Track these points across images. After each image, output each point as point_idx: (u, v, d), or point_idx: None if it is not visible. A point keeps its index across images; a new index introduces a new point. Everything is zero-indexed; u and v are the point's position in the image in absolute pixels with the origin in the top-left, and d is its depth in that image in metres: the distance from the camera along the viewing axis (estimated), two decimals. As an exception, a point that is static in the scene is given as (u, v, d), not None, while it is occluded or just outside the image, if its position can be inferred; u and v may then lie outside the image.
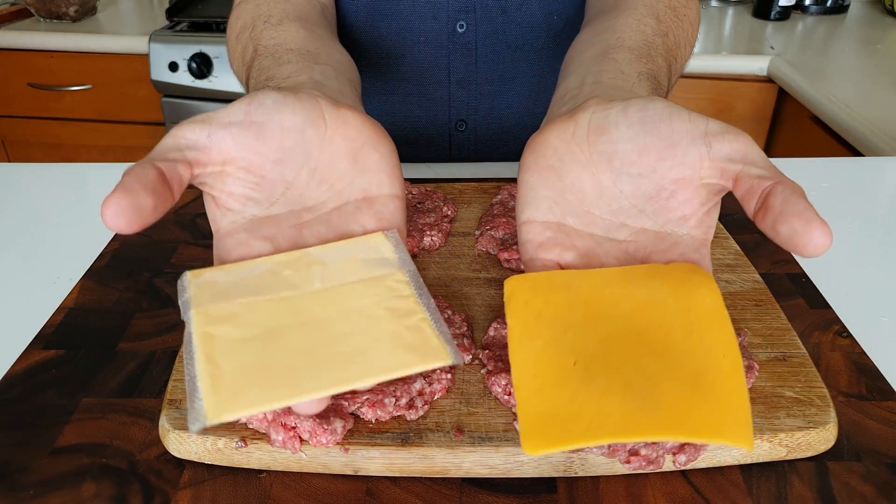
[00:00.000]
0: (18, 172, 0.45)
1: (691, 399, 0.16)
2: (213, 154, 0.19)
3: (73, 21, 1.01)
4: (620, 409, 0.16)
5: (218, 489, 0.22)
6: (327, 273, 0.19)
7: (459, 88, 0.43)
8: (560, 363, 0.17)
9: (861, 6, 1.07)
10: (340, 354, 0.17)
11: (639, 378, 0.17)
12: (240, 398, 0.16)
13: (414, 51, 0.42)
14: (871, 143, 0.62)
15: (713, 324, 0.18)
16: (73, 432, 0.24)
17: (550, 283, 0.19)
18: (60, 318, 0.30)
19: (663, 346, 0.17)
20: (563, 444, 0.16)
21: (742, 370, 0.17)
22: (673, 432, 0.16)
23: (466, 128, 0.45)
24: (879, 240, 0.37)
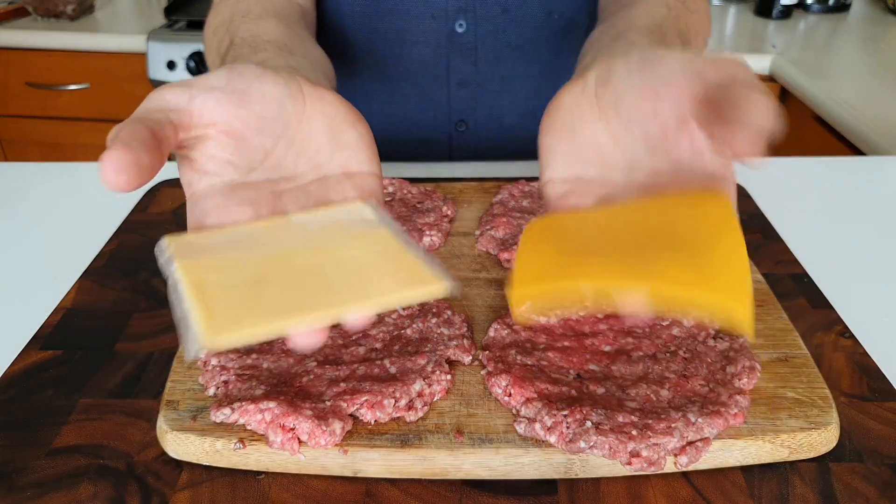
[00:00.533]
0: (16, 172, 0.45)
1: (689, 263, 0.16)
2: (195, 117, 0.19)
3: (71, 20, 1.01)
4: (612, 261, 0.16)
5: (216, 491, 0.22)
6: (310, 234, 0.19)
7: (459, 89, 0.43)
8: (559, 248, 0.18)
9: (863, 5, 1.06)
10: (335, 285, 0.17)
11: (637, 252, 0.17)
12: (235, 322, 0.15)
13: (413, 51, 0.41)
14: (874, 142, 0.62)
15: (722, 226, 0.17)
16: (70, 433, 0.24)
17: (566, 215, 0.20)
18: (58, 318, 0.30)
19: (667, 238, 0.17)
20: (546, 283, 0.16)
21: (746, 262, 0.16)
22: (663, 280, 0.15)
23: (467, 128, 0.45)
24: (882, 239, 0.37)
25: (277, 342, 0.26)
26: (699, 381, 0.24)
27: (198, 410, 0.23)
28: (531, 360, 0.25)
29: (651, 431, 0.21)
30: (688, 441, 0.21)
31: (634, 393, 0.23)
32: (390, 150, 0.47)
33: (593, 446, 0.21)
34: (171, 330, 0.29)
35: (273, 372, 0.24)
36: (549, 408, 0.22)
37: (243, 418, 0.22)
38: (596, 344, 0.26)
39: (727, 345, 0.26)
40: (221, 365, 0.24)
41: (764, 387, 0.24)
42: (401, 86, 0.43)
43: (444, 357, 0.25)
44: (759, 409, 0.23)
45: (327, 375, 0.24)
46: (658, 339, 0.26)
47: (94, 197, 0.42)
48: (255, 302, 0.16)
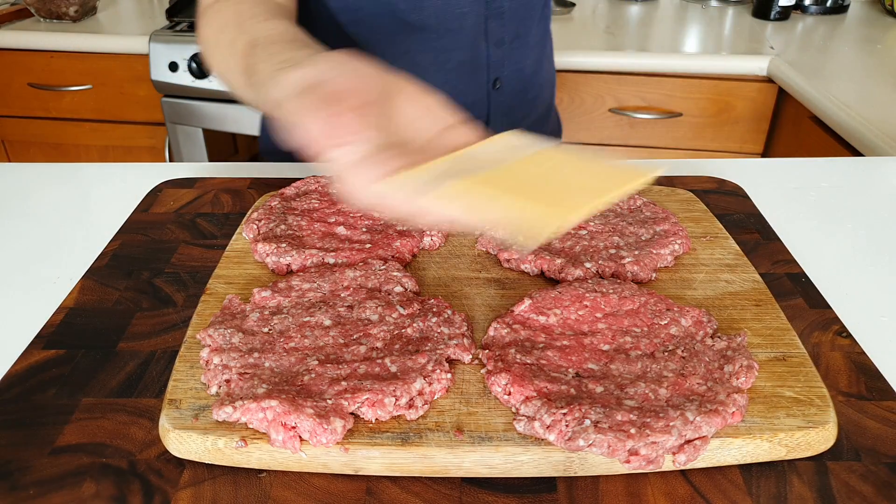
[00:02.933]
0: (19, 172, 0.45)
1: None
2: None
3: (74, 21, 1.01)
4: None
5: (218, 489, 0.22)
6: (510, 153, 0.21)
7: (496, 49, 0.47)
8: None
9: (861, 6, 1.07)
10: (575, 188, 0.19)
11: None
12: (560, 204, 0.18)
13: (458, 21, 0.45)
14: (871, 142, 0.62)
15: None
16: (73, 432, 0.24)
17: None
18: (60, 317, 0.30)
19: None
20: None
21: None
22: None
23: (501, 86, 0.49)
24: (879, 239, 0.37)
25: (279, 341, 0.26)
26: (697, 380, 0.24)
27: (200, 409, 0.23)
28: (530, 359, 0.25)
29: (649, 430, 0.21)
30: (686, 439, 0.22)
31: (633, 391, 0.23)
32: None
33: (592, 444, 0.21)
34: (173, 329, 0.29)
35: (274, 371, 0.24)
36: (548, 406, 0.22)
37: (245, 417, 0.22)
38: (595, 343, 0.26)
39: (725, 344, 0.26)
40: (223, 364, 0.25)
41: (762, 386, 0.24)
42: (451, 56, 0.46)
43: (444, 356, 0.25)
44: (756, 408, 0.23)
45: (328, 374, 0.24)
46: (656, 338, 0.26)
47: (96, 197, 0.42)
48: (550, 197, 0.19)
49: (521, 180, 0.20)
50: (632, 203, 0.36)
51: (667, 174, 0.43)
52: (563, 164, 0.21)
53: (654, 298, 0.28)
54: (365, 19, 0.43)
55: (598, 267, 0.31)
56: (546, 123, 0.55)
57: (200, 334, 0.26)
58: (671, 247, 0.32)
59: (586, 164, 0.21)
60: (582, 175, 0.20)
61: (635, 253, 0.31)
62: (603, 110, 0.90)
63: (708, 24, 0.99)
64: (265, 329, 0.26)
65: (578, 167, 0.21)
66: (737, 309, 0.29)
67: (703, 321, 0.27)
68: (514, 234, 0.18)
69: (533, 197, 0.19)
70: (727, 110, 0.89)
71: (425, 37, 0.44)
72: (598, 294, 0.28)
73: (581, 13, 1.03)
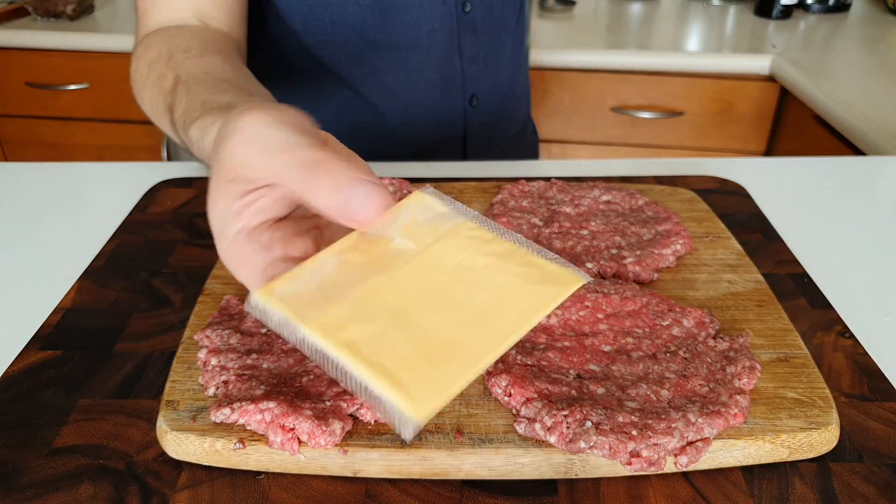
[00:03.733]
0: (15, 172, 0.45)
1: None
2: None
3: (71, 20, 1.01)
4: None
5: (216, 491, 0.22)
6: (400, 245, 0.17)
7: (470, 65, 0.46)
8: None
9: (863, 5, 1.06)
10: (488, 312, 0.16)
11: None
12: (432, 391, 0.15)
13: (429, 38, 0.43)
14: (874, 142, 0.62)
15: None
16: (70, 433, 0.24)
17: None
18: (58, 318, 0.29)
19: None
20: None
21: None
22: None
23: (478, 102, 0.48)
24: (882, 239, 0.37)
25: (278, 342, 0.26)
26: (699, 381, 0.24)
27: (198, 410, 0.23)
28: (531, 360, 0.25)
29: (651, 431, 0.21)
30: (688, 441, 0.21)
31: (634, 393, 0.23)
32: (411, 139, 0.48)
33: (593, 446, 0.21)
34: (171, 330, 0.29)
35: (273, 372, 0.24)
36: (549, 408, 0.22)
37: (243, 418, 0.22)
38: (596, 344, 0.26)
39: (727, 345, 0.26)
40: (221, 365, 0.24)
41: (764, 387, 0.24)
42: (419, 74, 0.45)
43: (444, 357, 0.25)
44: (759, 409, 0.23)
45: (327, 376, 0.24)
46: (658, 339, 0.26)
47: (93, 197, 0.42)
48: (431, 358, 0.15)
49: (401, 320, 0.16)
50: (633, 203, 0.36)
51: (669, 173, 0.43)
52: (472, 271, 0.17)
53: (655, 299, 0.28)
54: (332, 40, 0.42)
55: (599, 267, 0.31)
56: (524, 136, 0.54)
57: (198, 335, 0.26)
58: (673, 247, 0.32)
59: (504, 268, 0.17)
60: (495, 289, 0.16)
61: (637, 253, 0.31)
62: (604, 109, 0.90)
63: (710, 22, 0.99)
64: (263, 330, 0.26)
65: (495, 272, 0.17)
66: (739, 309, 0.28)
67: (706, 322, 0.27)
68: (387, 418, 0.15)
69: (405, 367, 0.15)
70: (729, 109, 0.88)
71: (395, 55, 0.43)
72: (600, 294, 0.28)
73: (582, 12, 1.03)
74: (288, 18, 0.41)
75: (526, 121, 0.54)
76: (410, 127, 0.46)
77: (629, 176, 0.42)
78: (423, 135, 0.47)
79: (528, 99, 0.54)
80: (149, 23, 0.36)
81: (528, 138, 0.55)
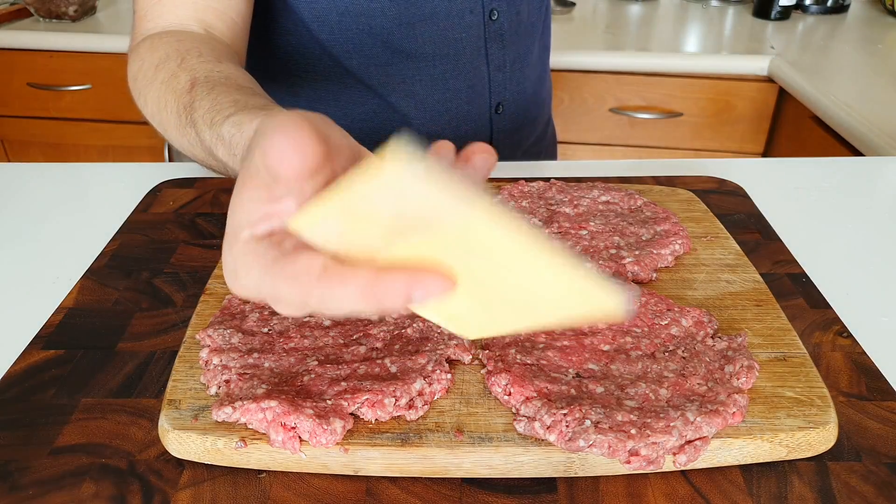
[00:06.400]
0: (18, 172, 0.45)
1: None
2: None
3: (73, 20, 1.01)
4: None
5: (217, 489, 0.22)
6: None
7: (497, 73, 0.46)
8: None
9: (861, 6, 1.06)
10: (519, 299, 0.14)
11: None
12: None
13: (456, 46, 0.44)
14: (872, 142, 0.62)
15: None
16: (72, 432, 0.24)
17: None
18: (60, 318, 0.30)
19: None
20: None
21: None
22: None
23: (503, 110, 0.48)
24: (880, 239, 0.37)
25: (279, 341, 0.26)
26: (698, 381, 0.24)
27: (199, 409, 0.23)
28: (530, 359, 0.25)
29: (650, 430, 0.21)
30: (686, 440, 0.21)
31: (633, 392, 0.23)
32: None
33: (592, 445, 0.21)
34: (173, 329, 0.29)
35: (274, 371, 0.24)
36: (548, 406, 0.22)
37: (244, 417, 0.22)
38: (595, 343, 0.26)
39: (726, 344, 0.26)
40: (223, 364, 0.24)
41: (762, 386, 0.24)
42: (448, 82, 0.45)
43: (444, 356, 0.25)
44: (757, 409, 0.23)
45: (328, 374, 0.24)
46: (657, 338, 0.26)
47: (95, 197, 0.42)
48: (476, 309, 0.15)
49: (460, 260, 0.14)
50: (632, 203, 0.36)
51: (667, 174, 0.43)
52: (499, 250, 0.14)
53: (654, 299, 0.28)
54: (358, 50, 0.42)
55: (598, 267, 0.31)
56: (544, 139, 0.54)
57: (200, 334, 0.26)
58: (672, 247, 0.32)
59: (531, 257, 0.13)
60: (528, 274, 0.14)
61: (636, 253, 0.31)
62: (603, 110, 0.90)
63: (708, 23, 0.99)
64: (265, 329, 0.26)
65: (522, 259, 0.14)
66: (737, 309, 0.29)
67: (704, 321, 0.27)
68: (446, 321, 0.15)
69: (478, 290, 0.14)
70: (728, 110, 0.89)
71: (422, 65, 0.43)
72: (599, 294, 0.28)
73: (581, 13, 1.03)
74: (315, 29, 0.41)
75: (548, 124, 0.55)
76: (438, 134, 0.47)
77: (628, 176, 0.42)
78: (453, 139, 0.46)
79: (550, 101, 0.55)
80: (147, 25, 0.35)
81: (549, 140, 0.56)
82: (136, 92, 0.33)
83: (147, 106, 0.32)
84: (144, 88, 0.32)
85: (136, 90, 0.33)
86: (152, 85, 0.31)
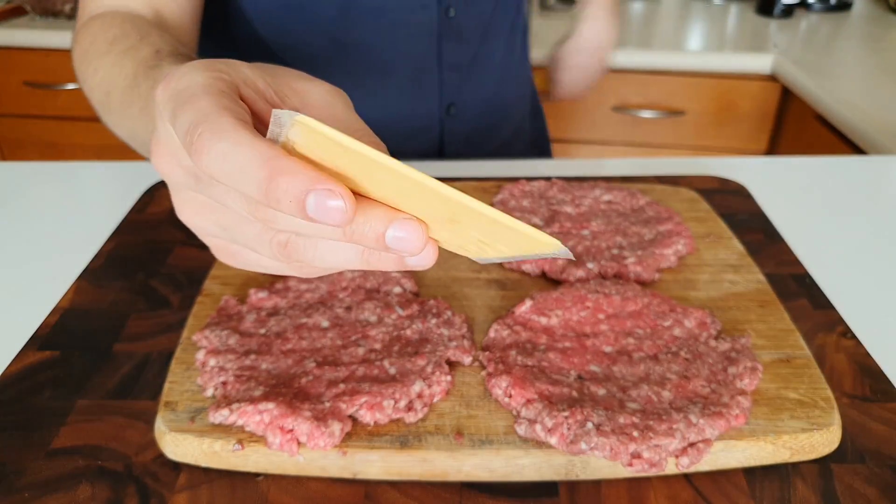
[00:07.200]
0: (13, 171, 0.44)
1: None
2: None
3: (69, 18, 1.01)
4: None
5: (214, 492, 0.22)
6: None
7: (451, 72, 0.44)
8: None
9: (865, 4, 1.06)
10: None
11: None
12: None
13: (406, 41, 0.42)
14: (876, 141, 0.61)
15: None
16: (68, 434, 0.24)
17: None
18: (55, 319, 0.29)
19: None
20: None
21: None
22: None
23: (456, 111, 0.46)
24: (884, 239, 0.37)
25: (276, 343, 0.26)
26: (700, 382, 0.24)
27: (196, 412, 0.23)
28: (532, 361, 0.25)
29: (652, 433, 0.21)
30: (689, 442, 0.21)
31: (636, 394, 0.23)
32: (385, 140, 0.48)
33: (594, 447, 0.21)
34: (169, 330, 0.29)
35: (272, 373, 0.24)
36: (549, 409, 0.22)
37: (242, 419, 0.22)
38: (597, 345, 0.25)
39: (729, 346, 0.25)
40: (220, 366, 0.24)
41: (766, 388, 0.24)
42: (394, 77, 0.43)
43: (443, 358, 0.25)
44: (760, 410, 0.23)
45: (326, 376, 0.24)
46: (659, 339, 0.26)
47: (91, 197, 0.41)
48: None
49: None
50: (635, 202, 0.36)
51: (670, 173, 0.43)
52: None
53: (657, 299, 0.28)
54: (305, 41, 0.40)
55: (600, 267, 0.30)
56: (517, 143, 0.52)
57: (196, 336, 0.26)
58: (674, 247, 0.32)
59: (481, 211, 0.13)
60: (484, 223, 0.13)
61: (638, 253, 0.31)
62: (605, 108, 0.89)
63: (711, 21, 0.99)
64: (262, 331, 0.26)
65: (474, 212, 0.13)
66: (741, 310, 0.28)
67: (707, 322, 0.27)
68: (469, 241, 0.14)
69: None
70: (731, 108, 0.88)
71: (367, 57, 0.41)
72: (601, 295, 0.28)
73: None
74: (258, 21, 0.40)
75: (518, 131, 0.52)
76: (385, 129, 0.46)
77: (630, 175, 0.41)
78: (397, 138, 0.45)
79: (523, 106, 0.52)
80: (93, 6, 0.34)
81: (523, 144, 0.53)
82: (86, 63, 0.31)
83: (96, 74, 0.30)
84: (96, 59, 0.30)
85: (86, 62, 0.31)
86: (107, 56, 0.29)
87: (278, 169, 0.12)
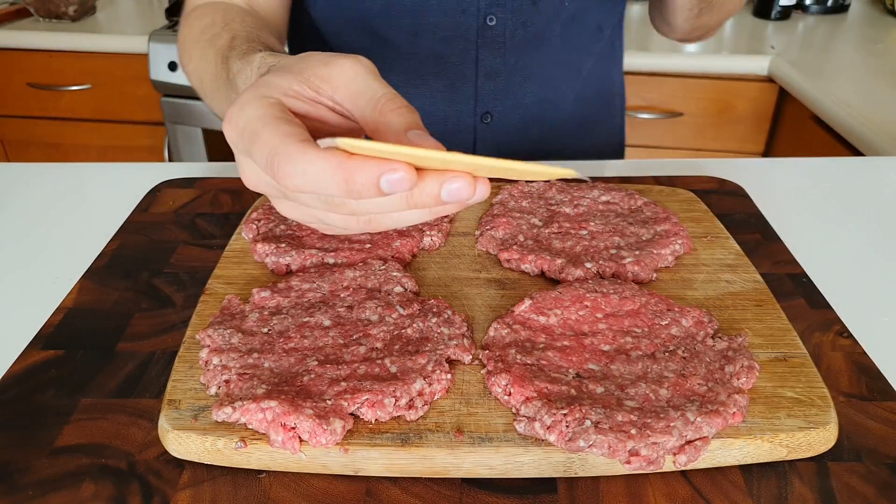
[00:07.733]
0: (17, 172, 0.45)
1: None
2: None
3: (73, 20, 1.01)
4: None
5: (217, 490, 0.22)
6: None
7: (487, 80, 0.44)
8: None
9: (862, 6, 1.06)
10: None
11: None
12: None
13: (443, 46, 0.42)
14: (872, 142, 0.62)
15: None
16: (72, 433, 0.24)
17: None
18: (59, 318, 0.30)
19: None
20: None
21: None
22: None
23: (491, 119, 0.46)
24: (880, 239, 0.37)
25: (279, 341, 0.26)
26: (698, 381, 0.24)
27: (199, 410, 0.23)
28: (531, 360, 0.25)
29: (650, 430, 0.21)
30: (687, 440, 0.21)
31: (633, 392, 0.23)
32: None
33: (592, 445, 0.21)
34: (173, 329, 0.29)
35: (274, 371, 0.24)
36: (548, 407, 0.22)
37: (244, 417, 0.22)
38: (595, 343, 0.26)
39: (726, 344, 0.26)
40: (223, 364, 0.24)
41: (763, 386, 0.24)
42: (428, 80, 0.44)
43: (444, 356, 0.25)
44: (757, 409, 0.23)
45: (328, 374, 0.24)
46: (657, 338, 0.26)
47: (95, 197, 0.42)
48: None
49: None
50: (632, 203, 0.36)
51: (668, 174, 0.43)
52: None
53: (654, 299, 0.28)
54: (344, 32, 0.43)
55: (598, 267, 0.31)
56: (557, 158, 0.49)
57: (200, 335, 0.26)
58: (672, 247, 0.32)
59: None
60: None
61: (636, 253, 0.31)
62: (603, 110, 0.90)
63: (708, 23, 0.99)
64: (264, 329, 0.26)
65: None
66: (738, 309, 0.29)
67: (704, 321, 0.27)
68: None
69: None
70: (728, 110, 0.89)
71: (403, 56, 0.42)
72: (599, 294, 0.28)
73: (581, 12, 1.03)
74: (314, 8, 0.43)
75: (571, 149, 0.48)
76: None
77: (628, 176, 0.42)
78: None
79: (580, 125, 0.48)
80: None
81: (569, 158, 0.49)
82: (183, 52, 0.36)
83: (191, 62, 0.35)
84: (190, 48, 0.35)
85: (184, 51, 0.36)
86: (197, 44, 0.34)
87: (350, 169, 0.16)
